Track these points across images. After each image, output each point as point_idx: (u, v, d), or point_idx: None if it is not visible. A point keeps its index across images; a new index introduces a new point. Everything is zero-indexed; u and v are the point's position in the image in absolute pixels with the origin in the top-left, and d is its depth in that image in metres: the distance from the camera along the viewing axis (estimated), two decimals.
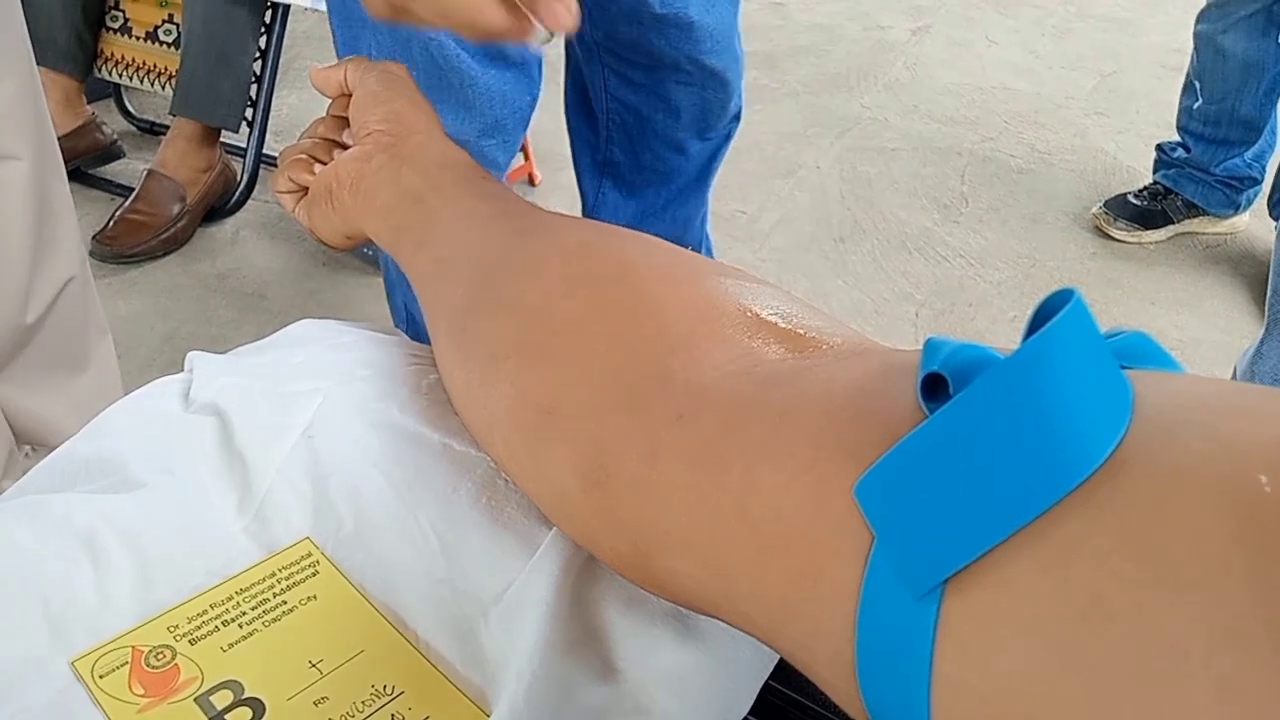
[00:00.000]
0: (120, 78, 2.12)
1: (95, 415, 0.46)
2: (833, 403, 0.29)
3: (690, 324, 0.35)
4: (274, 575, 0.40)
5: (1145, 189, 2.15)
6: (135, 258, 1.91)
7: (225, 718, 0.35)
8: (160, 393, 0.48)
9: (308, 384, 0.47)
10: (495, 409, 0.40)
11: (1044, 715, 0.22)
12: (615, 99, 1.27)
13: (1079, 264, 2.07)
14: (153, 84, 2.09)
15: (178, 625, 0.38)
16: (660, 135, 1.29)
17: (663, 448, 0.32)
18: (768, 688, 0.39)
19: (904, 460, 0.25)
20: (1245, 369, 1.65)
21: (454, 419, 0.46)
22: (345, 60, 0.55)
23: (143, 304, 1.83)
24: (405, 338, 0.54)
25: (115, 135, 2.19)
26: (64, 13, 2.02)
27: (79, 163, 2.09)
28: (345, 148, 0.54)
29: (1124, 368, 0.25)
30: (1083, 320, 0.24)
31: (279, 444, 0.44)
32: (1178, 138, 2.12)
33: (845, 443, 0.28)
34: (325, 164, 0.54)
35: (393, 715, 0.36)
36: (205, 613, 0.38)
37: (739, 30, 1.23)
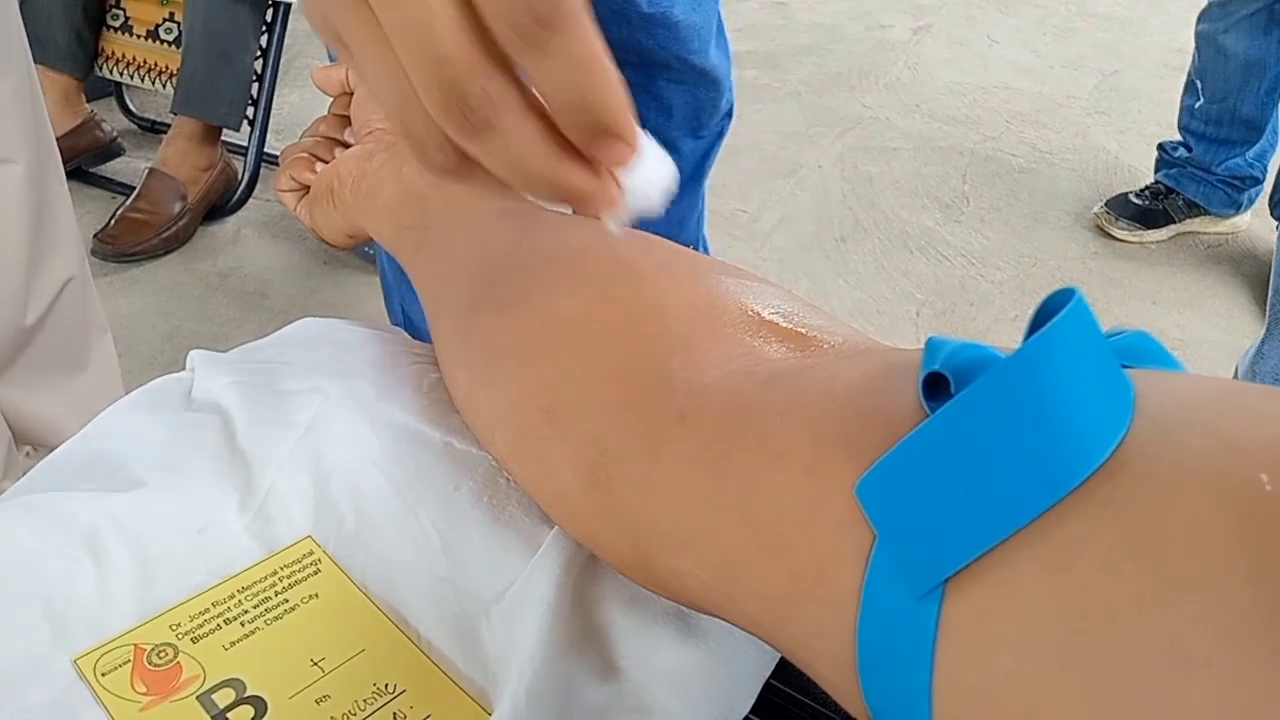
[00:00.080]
0: (121, 76, 2.13)
1: (95, 414, 0.46)
2: (834, 402, 0.29)
3: (691, 323, 0.35)
4: (276, 574, 0.40)
5: (1147, 188, 2.15)
6: (136, 256, 1.91)
7: (227, 716, 0.35)
8: (161, 391, 0.48)
9: (309, 382, 0.47)
10: (496, 408, 0.40)
11: (1045, 714, 0.22)
12: None
13: (1080, 263, 2.07)
14: (154, 82, 2.09)
15: (180, 623, 0.38)
16: (653, 134, 1.29)
17: (664, 447, 0.32)
18: (769, 686, 0.39)
19: (905, 459, 0.25)
20: (1246, 369, 1.65)
21: (455, 418, 0.46)
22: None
23: (144, 302, 1.83)
24: (406, 336, 0.54)
25: (116, 133, 2.20)
26: (64, 12, 2.02)
27: (79, 161, 2.09)
28: (347, 146, 0.54)
29: (1125, 367, 0.25)
30: (1084, 319, 0.24)
31: (280, 442, 0.44)
32: (1179, 137, 2.12)
33: (846, 442, 0.28)
34: (327, 162, 0.54)
35: (394, 714, 0.36)
36: (207, 611, 0.38)
37: (724, 27, 1.23)
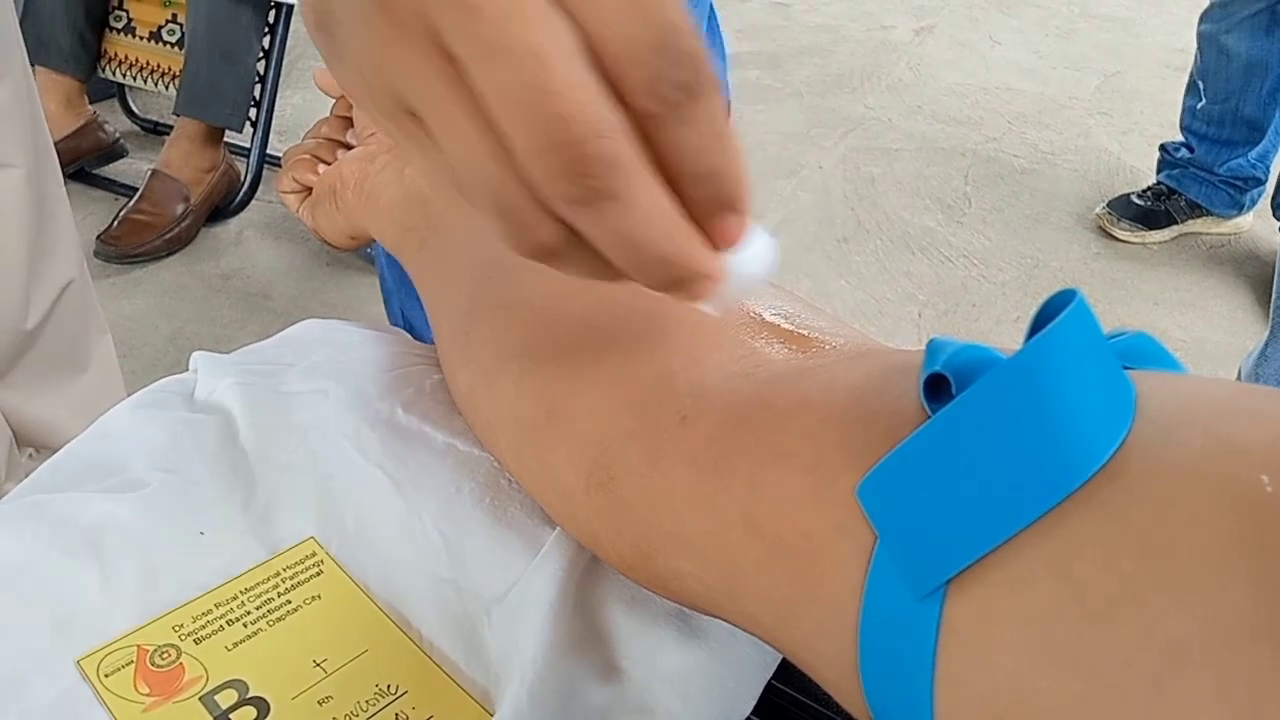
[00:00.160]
0: (124, 78, 2.13)
1: (97, 415, 0.46)
2: (835, 403, 0.29)
3: (692, 324, 0.35)
4: (278, 575, 0.40)
5: (1149, 189, 2.15)
6: (139, 258, 1.92)
7: (230, 717, 0.35)
8: (164, 393, 0.48)
9: (311, 383, 0.47)
10: (498, 409, 0.40)
11: (1046, 714, 0.22)
12: None
13: (1082, 264, 2.06)
14: (156, 84, 2.10)
15: (182, 624, 0.38)
16: None
17: (665, 449, 0.32)
18: (771, 687, 0.39)
19: (906, 461, 0.25)
20: (1250, 371, 1.65)
21: (457, 419, 0.46)
22: None
23: (147, 304, 1.83)
24: (408, 337, 0.54)
25: (118, 135, 2.20)
26: (67, 13, 2.02)
27: (82, 163, 2.10)
28: (349, 148, 0.54)
29: (1127, 368, 0.25)
30: (1085, 321, 0.24)
31: (283, 444, 0.45)
32: (1181, 138, 2.11)
33: (848, 443, 0.28)
34: (329, 164, 0.54)
35: (396, 714, 0.36)
36: (210, 612, 0.38)
37: (718, 27, 1.24)
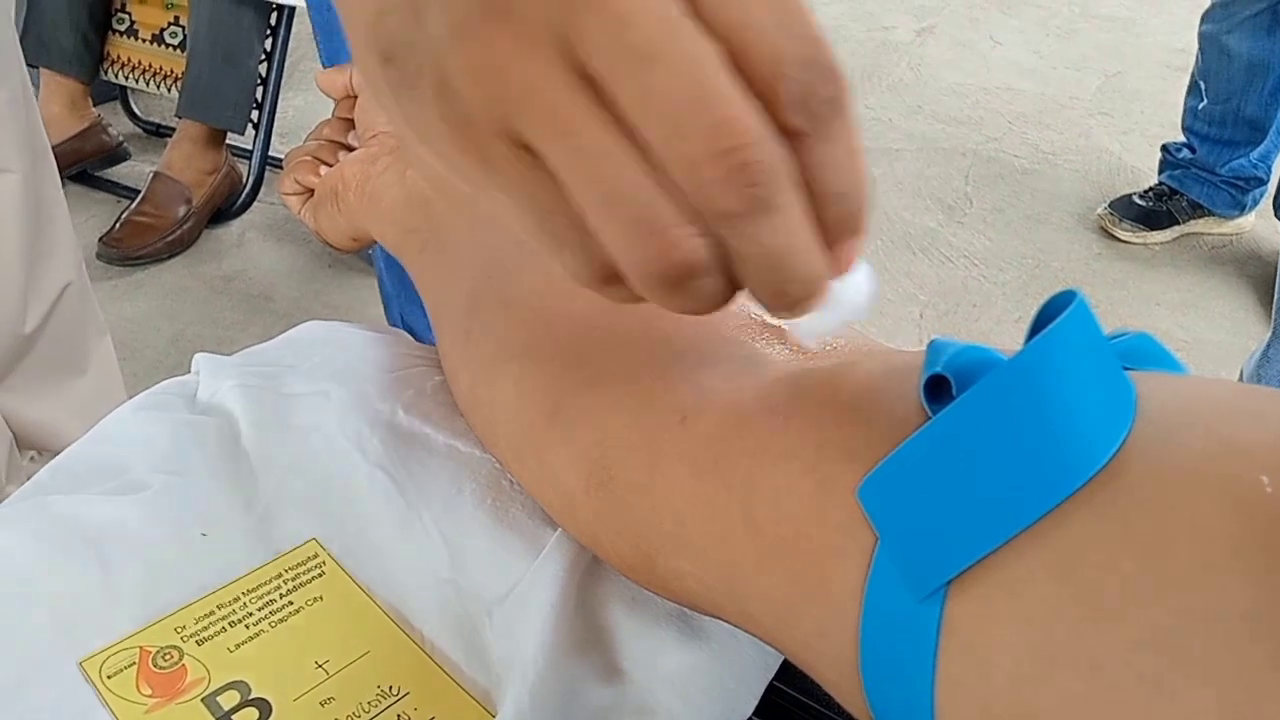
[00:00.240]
0: (126, 80, 2.13)
1: (97, 417, 0.46)
2: (836, 404, 0.29)
3: (693, 325, 0.36)
4: (280, 576, 0.40)
5: (1150, 190, 2.14)
6: (141, 260, 1.92)
7: (232, 718, 0.35)
8: (166, 394, 0.48)
9: (313, 385, 0.47)
10: (499, 410, 0.40)
11: (1046, 715, 0.22)
12: None
13: (1084, 265, 2.06)
14: (159, 86, 2.10)
15: (185, 626, 0.38)
16: None
17: (666, 450, 0.32)
18: (772, 688, 0.39)
19: (907, 462, 0.25)
20: (1251, 372, 1.64)
21: (459, 420, 0.46)
22: (351, 63, 0.55)
23: (149, 306, 1.83)
24: (410, 338, 0.54)
25: (121, 137, 2.20)
26: (70, 15, 2.02)
27: (85, 165, 2.10)
28: (351, 149, 0.54)
29: (1127, 369, 0.25)
30: (1085, 322, 0.24)
31: (285, 445, 0.45)
32: (1183, 138, 2.11)
33: (848, 444, 0.28)
34: (331, 166, 0.54)
35: (398, 715, 0.36)
36: (212, 613, 0.39)
37: None
